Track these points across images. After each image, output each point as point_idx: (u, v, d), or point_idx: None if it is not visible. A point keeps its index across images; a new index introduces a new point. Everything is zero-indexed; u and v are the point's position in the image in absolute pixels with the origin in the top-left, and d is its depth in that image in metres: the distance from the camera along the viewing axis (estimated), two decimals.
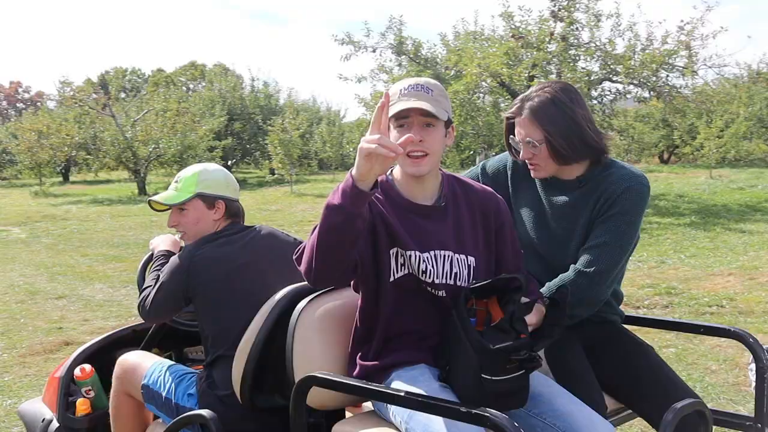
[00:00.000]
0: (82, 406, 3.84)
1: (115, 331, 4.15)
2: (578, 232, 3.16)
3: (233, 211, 3.65)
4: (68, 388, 3.86)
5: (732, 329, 3.31)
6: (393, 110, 2.66)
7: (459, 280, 2.79)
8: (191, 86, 57.78)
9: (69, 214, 21.24)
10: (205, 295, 3.39)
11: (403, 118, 2.68)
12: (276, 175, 30.69)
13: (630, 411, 3.24)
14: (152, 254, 3.84)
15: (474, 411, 2.24)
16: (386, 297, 2.76)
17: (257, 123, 35.85)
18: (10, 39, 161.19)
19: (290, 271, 3.04)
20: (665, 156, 35.77)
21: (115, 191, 30.26)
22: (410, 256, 2.72)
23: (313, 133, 36.18)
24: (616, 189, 3.09)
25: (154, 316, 3.52)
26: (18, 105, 77.70)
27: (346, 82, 22.55)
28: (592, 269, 3.03)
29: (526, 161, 3.17)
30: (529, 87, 17.98)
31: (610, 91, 19.82)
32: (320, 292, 3.03)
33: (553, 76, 18.72)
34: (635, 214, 3.12)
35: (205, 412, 3.03)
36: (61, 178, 39.14)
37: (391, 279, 2.74)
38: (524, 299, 2.66)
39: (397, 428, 2.67)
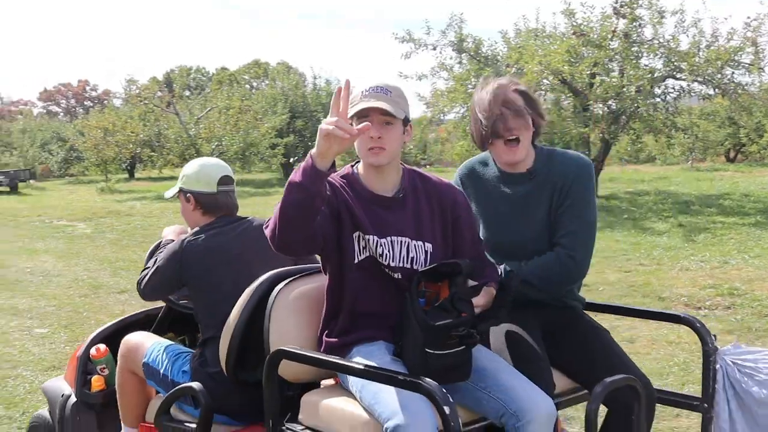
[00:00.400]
0: (96, 382, 4.17)
1: (130, 314, 4.49)
2: (537, 224, 3.40)
3: (208, 204, 3.88)
4: (85, 367, 4.22)
5: (682, 315, 3.51)
6: (354, 109, 2.95)
7: (416, 264, 3.06)
8: (255, 84, 58.30)
9: (133, 210, 21.60)
10: (196, 281, 3.71)
11: (363, 117, 2.93)
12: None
13: (587, 392, 3.32)
14: (161, 242, 4.09)
15: (409, 379, 2.56)
16: (351, 278, 3.05)
17: (318, 120, 36.03)
18: (79, 38, 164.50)
19: (275, 261, 3.39)
20: (731, 154, 35.13)
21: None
22: (369, 240, 3.00)
23: None
24: (566, 179, 3.37)
25: (149, 294, 3.87)
26: (86, 103, 79.19)
27: (406, 80, 22.55)
28: (577, 252, 3.33)
29: (507, 140, 3.36)
30: (591, 84, 17.99)
31: (673, 88, 19.55)
32: (296, 276, 3.35)
33: (615, 74, 18.54)
34: (590, 194, 3.42)
35: (194, 384, 3.40)
36: (126, 175, 39.76)
37: (356, 261, 3.03)
38: (472, 282, 2.94)
39: (355, 397, 2.94)
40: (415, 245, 3.05)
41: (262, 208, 22.44)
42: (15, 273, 12.18)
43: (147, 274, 3.80)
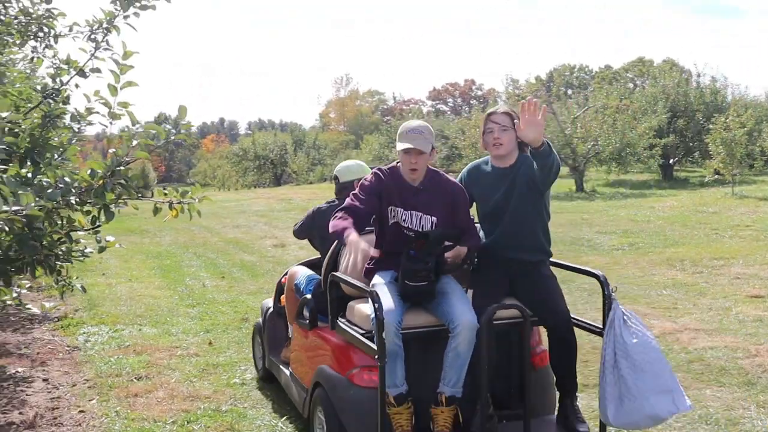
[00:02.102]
0: (283, 298, 6.60)
1: (310, 258, 6.68)
2: (517, 196, 5.03)
3: (337, 188, 6.37)
4: (279, 289, 6.88)
5: (591, 270, 5.04)
6: (400, 147, 4.86)
7: (423, 230, 4.92)
8: (638, 83, 57.27)
9: None
10: (318, 232, 6.14)
11: (406, 152, 4.83)
12: (717, 176, 29.01)
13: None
14: None
15: (370, 290, 4.51)
16: (386, 233, 5.05)
17: (699, 121, 34.76)
18: (466, 40, 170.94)
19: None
20: None
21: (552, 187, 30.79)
22: (397, 211, 4.98)
23: (762, 132, 34.17)
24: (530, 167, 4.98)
25: (295, 234, 6.55)
26: (471, 102, 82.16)
27: None
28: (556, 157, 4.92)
29: (494, 140, 5.05)
30: None
31: None
32: (361, 233, 4.93)
33: None
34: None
35: (308, 296, 5.80)
36: None
37: (389, 223, 5.01)
38: (448, 243, 4.88)
39: None
40: (424, 217, 4.94)
41: (635, 210, 22.10)
42: None
43: (299, 222, 6.47)
